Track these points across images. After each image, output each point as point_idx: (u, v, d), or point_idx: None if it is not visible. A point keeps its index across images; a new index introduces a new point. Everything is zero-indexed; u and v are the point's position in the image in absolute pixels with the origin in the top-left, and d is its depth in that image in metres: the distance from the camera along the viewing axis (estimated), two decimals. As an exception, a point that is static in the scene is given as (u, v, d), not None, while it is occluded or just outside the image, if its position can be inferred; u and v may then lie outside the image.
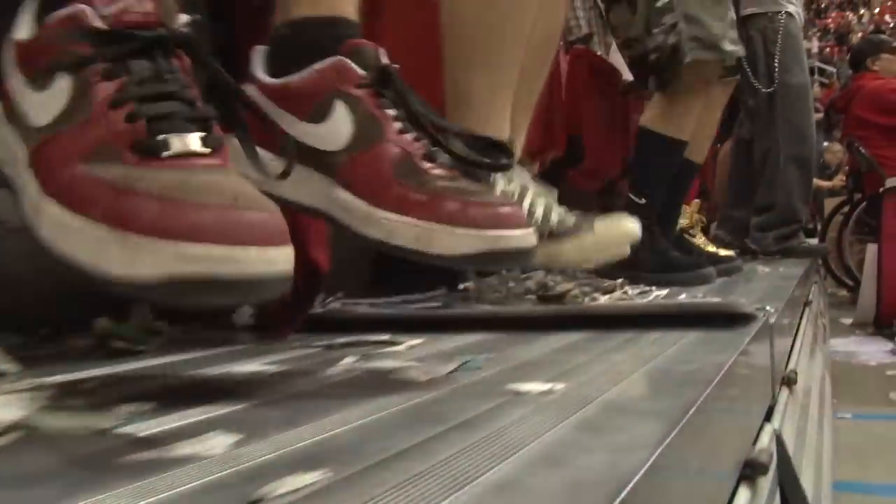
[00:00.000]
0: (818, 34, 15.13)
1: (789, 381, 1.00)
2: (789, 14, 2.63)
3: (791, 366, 1.12)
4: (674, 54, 1.52)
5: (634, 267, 1.50)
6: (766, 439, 0.76)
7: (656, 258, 1.49)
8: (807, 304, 1.82)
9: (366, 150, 0.58)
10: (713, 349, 0.63)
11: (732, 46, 1.55)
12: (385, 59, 0.61)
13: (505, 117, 1.05)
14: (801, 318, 1.55)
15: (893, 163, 3.76)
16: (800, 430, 0.98)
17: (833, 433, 1.35)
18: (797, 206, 2.70)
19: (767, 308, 0.87)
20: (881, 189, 3.54)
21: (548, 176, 2.41)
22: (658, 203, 1.58)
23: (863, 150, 3.96)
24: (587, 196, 2.39)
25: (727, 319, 0.80)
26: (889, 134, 3.86)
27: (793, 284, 1.44)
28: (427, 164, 0.57)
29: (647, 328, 0.78)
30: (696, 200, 2.43)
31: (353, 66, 0.60)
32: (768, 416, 0.82)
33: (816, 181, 5.03)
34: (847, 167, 5.46)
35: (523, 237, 0.55)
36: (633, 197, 1.59)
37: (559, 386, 0.47)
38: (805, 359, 1.27)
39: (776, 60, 2.56)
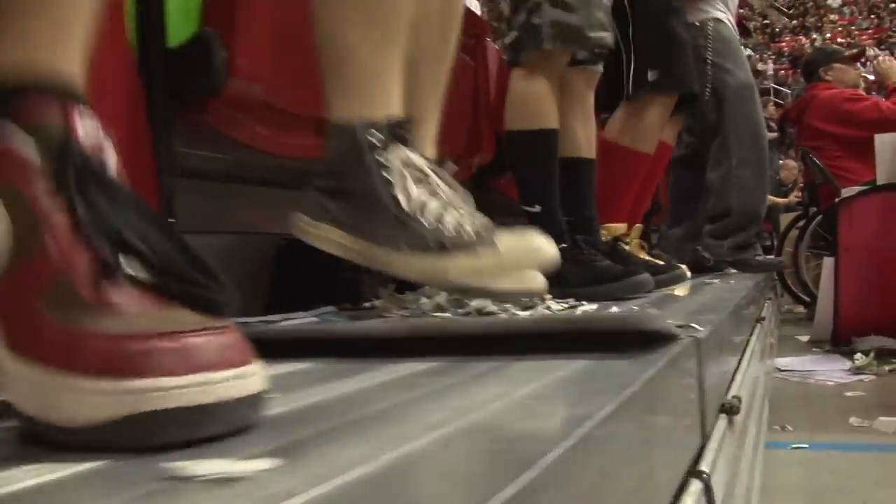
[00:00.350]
0: (773, 57, 15.42)
1: (730, 410, 0.81)
2: (717, 20, 2.58)
3: (734, 391, 0.92)
4: (532, 37, 1.36)
5: (563, 282, 1.30)
6: (689, 501, 0.55)
7: (583, 270, 1.31)
8: (759, 320, 1.64)
9: (16, 268, 0.40)
10: (596, 388, 0.42)
11: (599, 33, 1.40)
12: (83, 137, 0.42)
13: (394, 81, 0.85)
14: (751, 335, 1.36)
15: (848, 174, 3.64)
16: (732, 470, 0.78)
17: (761, 469, 1.15)
18: (754, 208, 2.61)
19: (694, 326, 0.66)
20: (836, 200, 3.40)
21: (475, 184, 2.22)
22: (555, 206, 1.41)
23: (817, 161, 3.84)
24: (517, 206, 2.19)
25: (642, 340, 0.59)
26: (843, 144, 3.76)
27: (739, 296, 1.24)
28: (101, 285, 0.39)
29: (534, 352, 0.58)
30: (638, 226, 2.26)
31: (23, 149, 0.42)
32: (696, 463, 0.61)
33: (772, 198, 4.94)
34: (802, 181, 5.37)
35: (215, 387, 0.34)
36: (526, 208, 1.40)
37: (267, 464, 0.25)
38: (749, 383, 1.07)
39: (709, 64, 2.49)
